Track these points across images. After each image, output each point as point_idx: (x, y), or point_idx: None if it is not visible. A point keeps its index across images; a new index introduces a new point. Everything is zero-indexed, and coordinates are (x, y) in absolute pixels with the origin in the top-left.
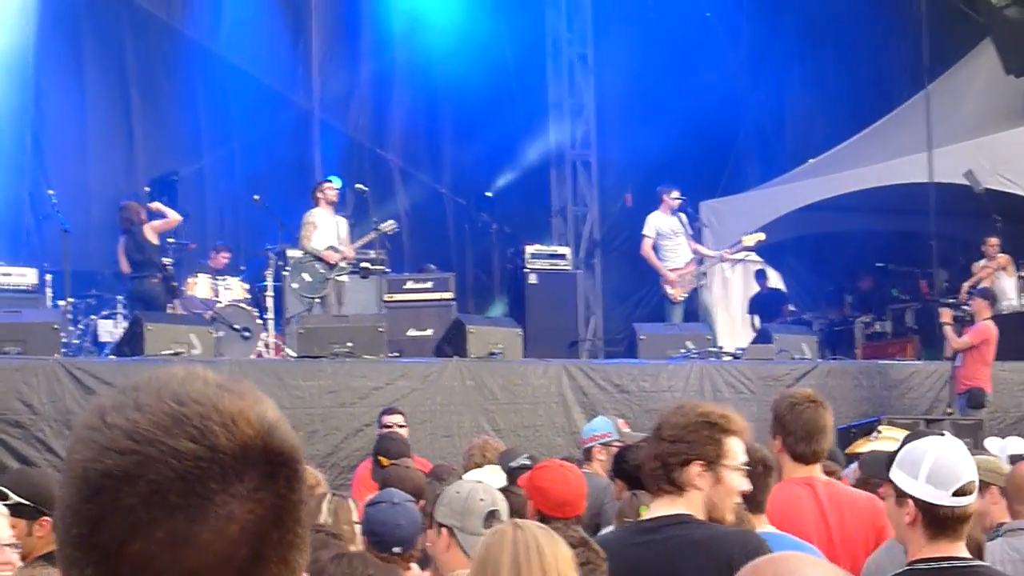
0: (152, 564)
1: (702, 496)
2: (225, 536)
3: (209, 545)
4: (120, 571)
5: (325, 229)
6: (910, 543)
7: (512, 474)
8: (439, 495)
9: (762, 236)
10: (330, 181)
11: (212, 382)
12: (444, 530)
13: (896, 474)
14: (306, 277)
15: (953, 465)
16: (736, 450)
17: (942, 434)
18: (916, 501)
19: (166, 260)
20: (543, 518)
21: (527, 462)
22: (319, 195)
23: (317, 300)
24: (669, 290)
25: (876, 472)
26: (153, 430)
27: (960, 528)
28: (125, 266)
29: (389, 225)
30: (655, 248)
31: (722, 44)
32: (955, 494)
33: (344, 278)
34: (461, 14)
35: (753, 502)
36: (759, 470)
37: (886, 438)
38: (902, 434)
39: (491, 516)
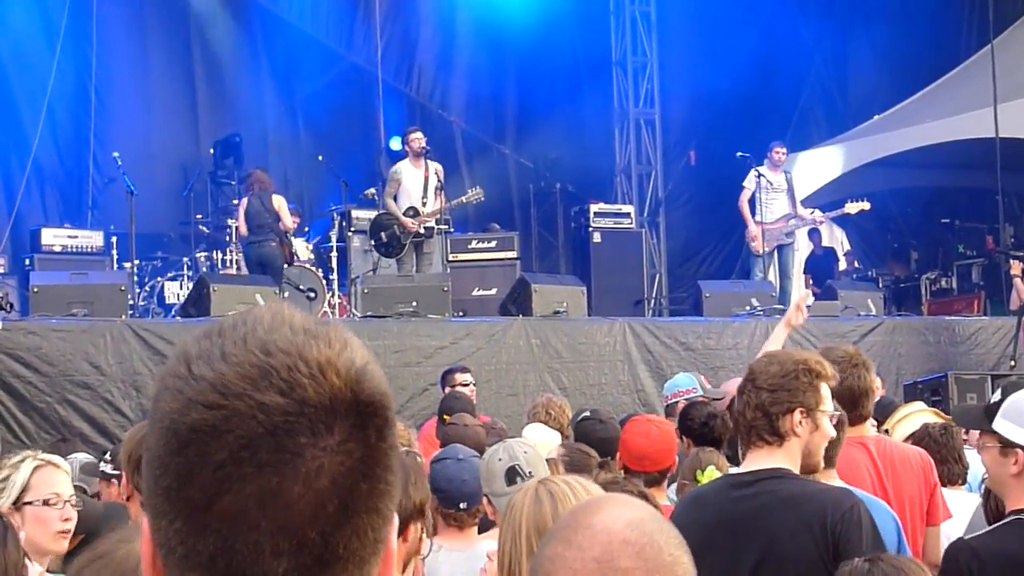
0: (242, 519)
1: (800, 444)
2: (315, 490)
3: (300, 499)
4: (209, 525)
5: (410, 183)
6: (1012, 493)
7: (577, 428)
8: None
9: (866, 205)
10: (416, 131)
11: (299, 327)
12: (485, 498)
13: (1001, 424)
14: (383, 236)
15: None
16: (828, 396)
17: (984, 387)
18: (1019, 445)
19: (231, 221)
20: (627, 470)
21: (587, 414)
22: (406, 147)
23: (392, 261)
24: (751, 243)
25: (973, 423)
26: (240, 383)
27: None
28: (244, 228)
29: (476, 194)
30: (752, 200)
31: (786, 1)
32: None
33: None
34: None
35: (826, 457)
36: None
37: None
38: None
39: (511, 472)
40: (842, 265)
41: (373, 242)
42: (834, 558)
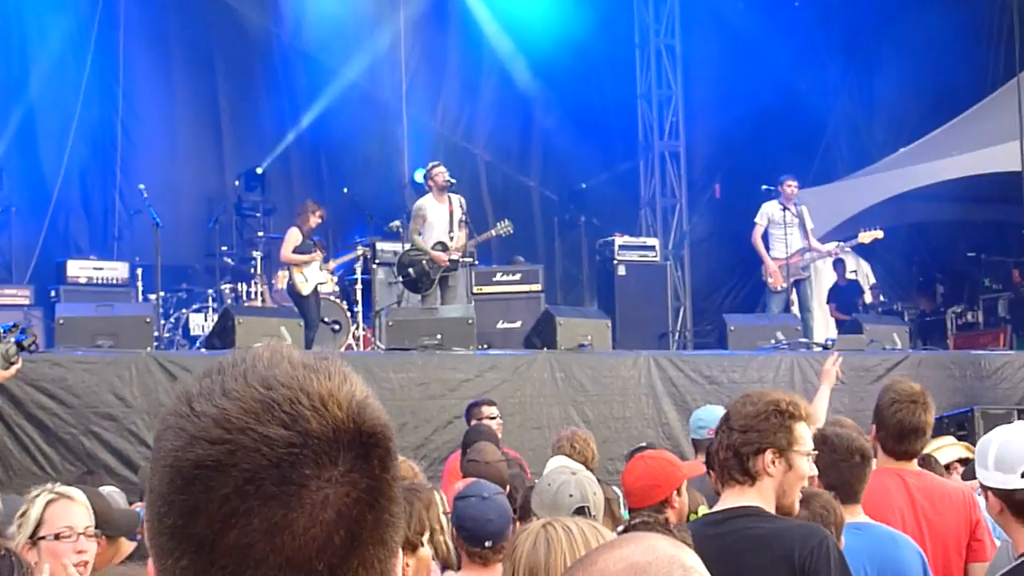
0: (249, 553)
1: (774, 484)
2: (321, 522)
3: (306, 531)
4: (216, 561)
5: (436, 218)
6: (1013, 536)
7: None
8: (529, 487)
9: (880, 234)
10: (438, 166)
11: (298, 362)
12: (534, 518)
13: (977, 469)
14: (411, 272)
15: (1016, 447)
16: (805, 436)
17: (1010, 421)
18: (992, 490)
19: (256, 253)
20: (629, 510)
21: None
22: (429, 182)
23: (420, 297)
24: (769, 280)
25: (969, 474)
26: (243, 417)
27: None
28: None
29: (505, 227)
30: (765, 235)
31: (811, 32)
32: None
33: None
34: (549, 6)
35: (849, 492)
36: (856, 460)
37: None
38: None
39: (579, 512)
40: (867, 299)
41: (401, 279)
42: None
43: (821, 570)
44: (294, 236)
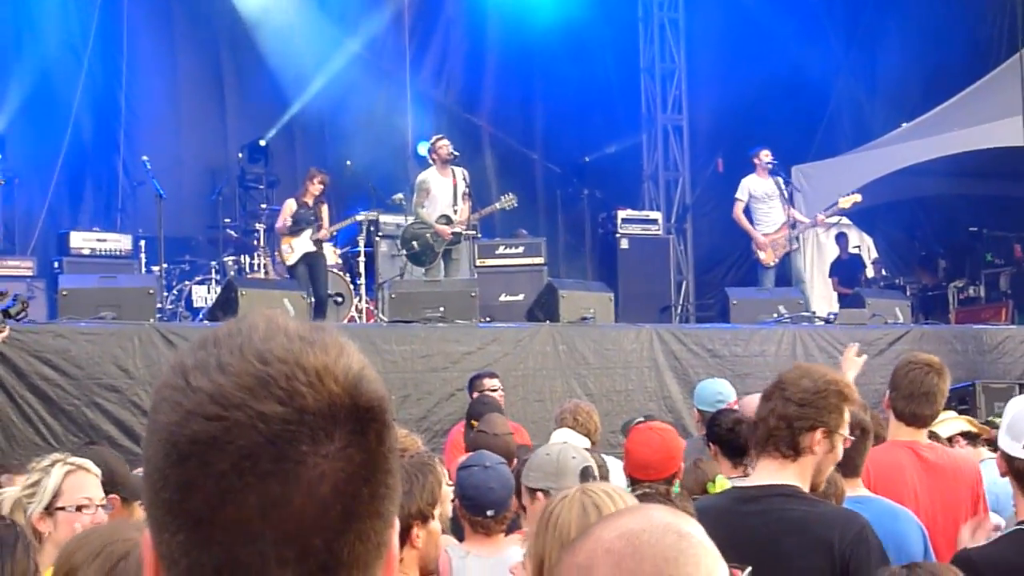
0: (245, 529)
1: (814, 462)
2: (318, 497)
3: (303, 507)
4: (213, 536)
5: (439, 191)
6: (1016, 503)
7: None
8: (526, 461)
9: (858, 198)
10: (442, 138)
11: (294, 335)
12: (539, 494)
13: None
14: (415, 245)
15: None
16: (848, 421)
17: (1011, 396)
18: (1001, 452)
19: (259, 225)
20: (631, 480)
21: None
22: (433, 155)
23: (423, 270)
24: (761, 255)
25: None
26: (239, 393)
27: None
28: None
29: (509, 200)
30: (748, 212)
31: (814, 6)
32: None
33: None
34: None
35: (850, 465)
36: (856, 434)
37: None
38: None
39: (585, 472)
40: (870, 273)
41: (406, 252)
42: None
43: (862, 559)
44: (288, 207)
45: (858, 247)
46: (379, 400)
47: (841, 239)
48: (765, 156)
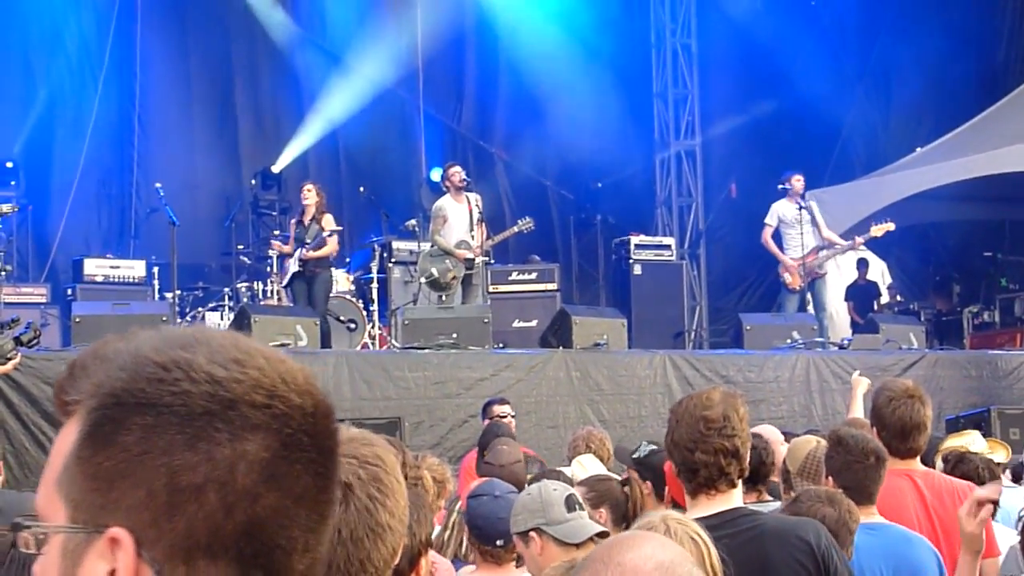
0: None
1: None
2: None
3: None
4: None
5: (455, 219)
6: None
7: (641, 463)
8: (510, 515)
9: (891, 226)
10: (454, 165)
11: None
12: (532, 534)
13: None
14: (434, 272)
15: None
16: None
17: None
18: None
19: (272, 252)
20: (676, 506)
21: (653, 447)
22: (446, 182)
23: (443, 296)
24: (787, 278)
25: None
26: (275, 383)
27: None
28: None
29: (527, 223)
30: (777, 237)
31: (828, 32)
32: None
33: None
34: (565, 6)
35: (864, 493)
36: (871, 461)
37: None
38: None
39: (570, 499)
40: (884, 298)
41: (425, 280)
42: None
43: (838, 562)
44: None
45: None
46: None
47: (862, 265)
48: (797, 181)
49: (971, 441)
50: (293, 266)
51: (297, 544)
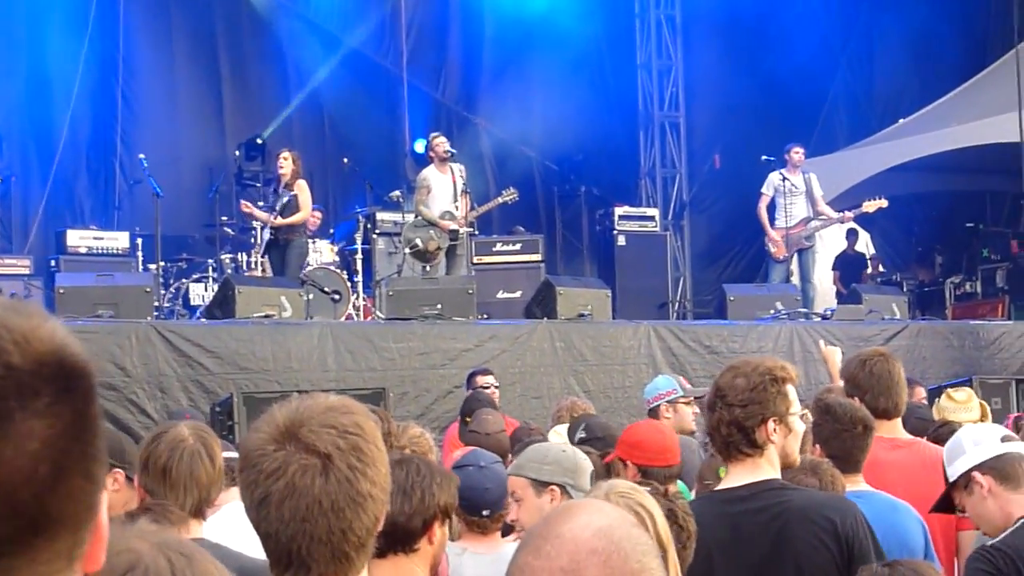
0: None
1: (777, 448)
2: (25, 452)
3: (10, 462)
4: None
5: (439, 189)
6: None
7: (587, 443)
8: (526, 452)
9: (884, 203)
10: (439, 136)
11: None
12: (555, 488)
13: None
14: (418, 242)
15: None
16: (794, 397)
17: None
18: None
19: (256, 223)
20: (646, 472)
21: (583, 435)
22: (430, 152)
23: (427, 267)
24: (771, 248)
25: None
26: None
27: None
28: None
29: (511, 194)
30: (771, 205)
31: (812, 2)
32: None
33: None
34: None
35: (851, 461)
36: (859, 430)
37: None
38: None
39: (593, 475)
40: (867, 269)
41: (409, 250)
42: (848, 563)
43: (863, 541)
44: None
45: (861, 251)
46: (84, 363)
47: (851, 235)
48: (798, 152)
49: (967, 402)
50: (266, 235)
51: None
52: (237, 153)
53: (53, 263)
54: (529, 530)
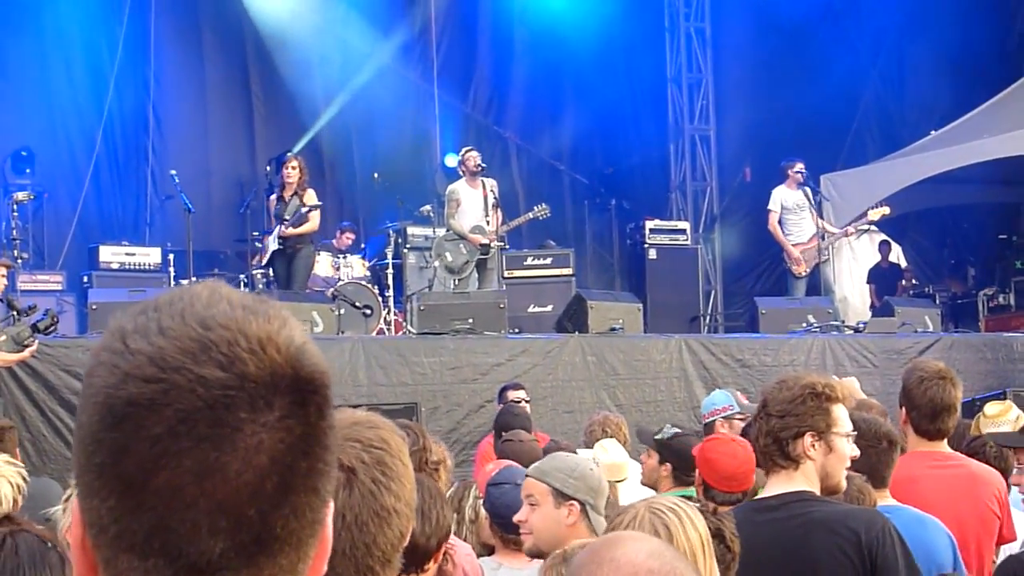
0: (179, 495)
1: (816, 467)
2: (253, 466)
3: (238, 476)
4: (145, 502)
5: (469, 203)
6: None
7: (663, 445)
8: (553, 459)
9: (886, 210)
10: (471, 150)
11: (237, 304)
12: (577, 504)
13: None
14: (448, 257)
15: None
16: (843, 417)
17: None
18: None
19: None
20: (708, 489)
21: (677, 430)
22: (462, 167)
23: (457, 280)
24: (791, 265)
25: (1011, 440)
26: (179, 356)
27: None
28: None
29: (543, 210)
30: (780, 222)
31: (842, 15)
32: None
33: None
34: None
35: (877, 476)
36: (883, 445)
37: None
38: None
39: (608, 501)
40: (903, 281)
41: (439, 264)
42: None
43: (889, 554)
44: (270, 205)
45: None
46: (321, 374)
47: (884, 247)
48: (797, 168)
49: (997, 416)
50: (272, 244)
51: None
52: (268, 168)
53: (86, 279)
54: (578, 559)
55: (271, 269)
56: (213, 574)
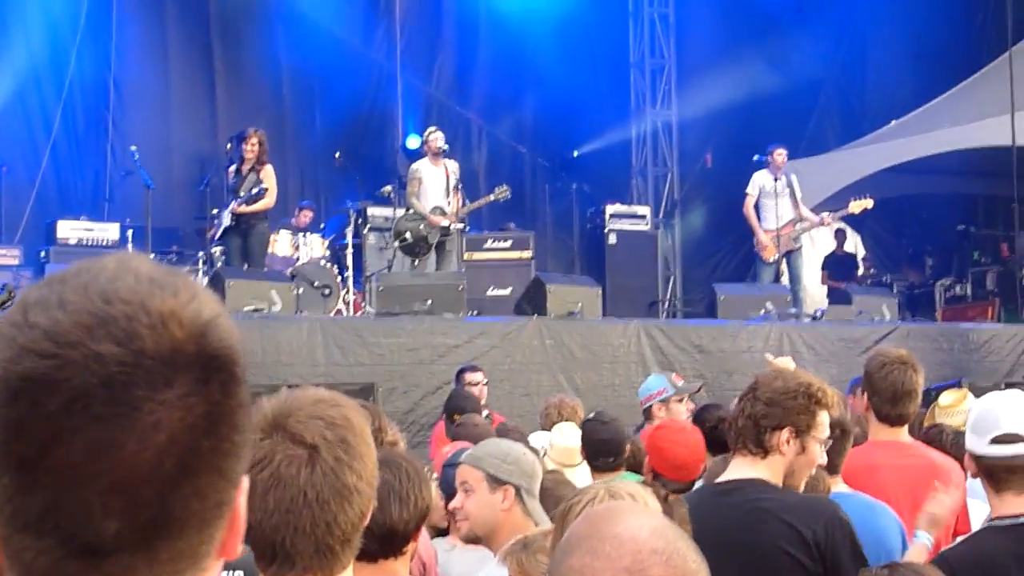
0: (73, 474)
1: (783, 463)
2: (151, 445)
3: (134, 455)
4: (39, 480)
5: (431, 183)
6: (990, 502)
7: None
8: (485, 445)
9: (869, 203)
10: (435, 131)
11: (144, 277)
12: (511, 488)
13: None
14: (408, 236)
15: (994, 414)
16: (825, 424)
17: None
18: (968, 453)
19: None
20: (656, 477)
21: (591, 415)
22: (425, 147)
23: (415, 261)
24: (762, 251)
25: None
26: (75, 331)
27: (1014, 480)
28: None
29: (503, 192)
30: (756, 206)
31: (805, 3)
32: (993, 442)
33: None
34: None
35: (829, 464)
36: (836, 434)
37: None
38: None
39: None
40: (859, 270)
41: (398, 243)
42: (824, 569)
43: (837, 542)
44: (229, 177)
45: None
46: (228, 350)
47: (840, 235)
48: (780, 154)
49: (951, 407)
50: (226, 220)
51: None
52: (228, 146)
53: (43, 254)
54: (574, 531)
55: (224, 245)
56: (107, 555)
